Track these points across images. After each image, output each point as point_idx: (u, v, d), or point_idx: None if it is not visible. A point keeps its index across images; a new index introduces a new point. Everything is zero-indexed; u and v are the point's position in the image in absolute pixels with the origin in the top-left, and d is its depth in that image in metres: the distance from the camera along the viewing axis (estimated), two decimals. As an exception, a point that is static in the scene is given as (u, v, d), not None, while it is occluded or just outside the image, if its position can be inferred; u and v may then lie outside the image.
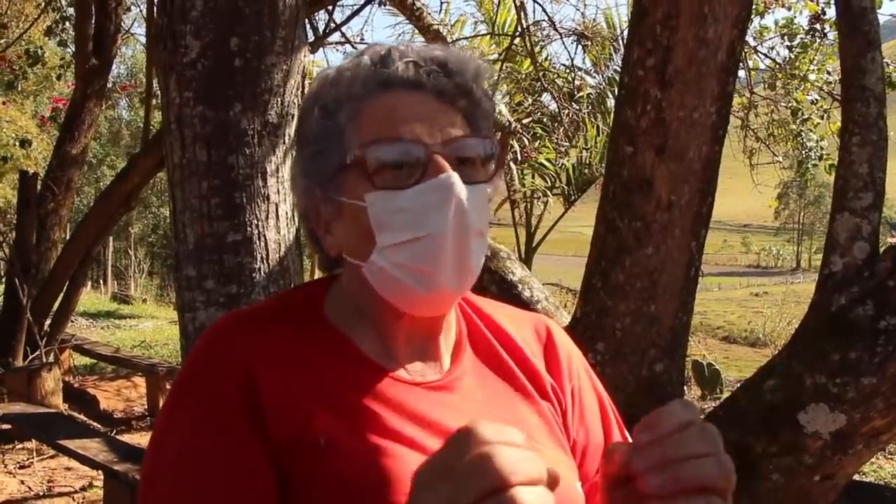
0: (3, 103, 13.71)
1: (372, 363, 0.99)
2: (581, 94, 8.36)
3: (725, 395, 8.41)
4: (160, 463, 0.92)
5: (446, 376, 1.02)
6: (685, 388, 5.40)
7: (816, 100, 7.21)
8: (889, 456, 6.29)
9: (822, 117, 7.23)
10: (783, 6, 6.88)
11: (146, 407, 7.68)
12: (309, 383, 0.94)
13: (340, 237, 1.02)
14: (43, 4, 8.86)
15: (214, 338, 0.98)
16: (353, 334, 1.01)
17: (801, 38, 6.88)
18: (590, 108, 8.55)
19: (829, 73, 7.01)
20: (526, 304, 2.87)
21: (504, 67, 7.72)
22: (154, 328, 13.74)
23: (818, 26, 6.70)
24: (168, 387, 7.78)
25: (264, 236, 2.58)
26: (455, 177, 0.93)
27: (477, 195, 0.95)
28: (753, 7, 2.57)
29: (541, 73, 7.39)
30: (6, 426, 6.14)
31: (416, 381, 1.00)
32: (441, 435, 0.94)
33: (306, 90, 2.77)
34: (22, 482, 5.40)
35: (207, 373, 0.94)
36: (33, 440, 5.89)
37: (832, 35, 6.65)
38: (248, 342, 0.95)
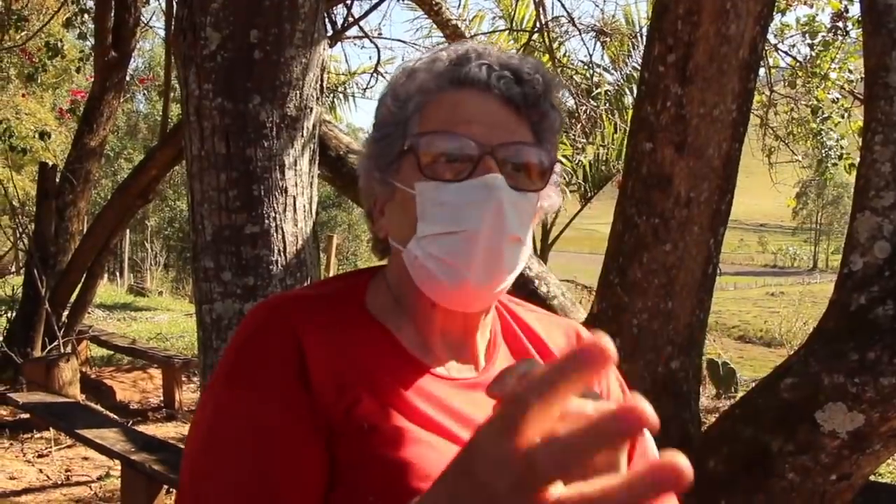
0: (23, 96, 13.81)
1: (410, 356, 1.00)
2: (599, 90, 8.33)
3: (740, 394, 8.38)
4: (219, 437, 0.91)
5: (481, 374, 1.03)
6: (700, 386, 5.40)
7: (837, 98, 7.15)
8: (906, 457, 6.24)
9: (842, 116, 7.17)
10: (805, 3, 6.83)
11: (161, 398, 7.73)
12: (353, 368, 0.95)
13: (389, 220, 1.05)
14: (63, -3, 8.91)
15: (267, 314, 0.98)
16: (393, 327, 1.02)
17: (823, 36, 6.83)
18: (607, 104, 8.52)
19: (850, 71, 6.95)
20: (542, 300, 2.87)
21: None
22: (170, 320, 13.81)
23: (840, 24, 6.65)
24: (184, 379, 7.83)
25: (282, 228, 2.58)
26: (500, 179, 0.94)
27: (523, 202, 0.97)
28: (775, 4, 2.55)
29: (559, 70, 7.37)
30: (25, 415, 6.19)
31: (452, 377, 1.01)
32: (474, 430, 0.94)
33: (325, 84, 2.78)
34: (40, 471, 5.44)
35: (265, 348, 0.95)
36: (51, 430, 5.94)
37: (854, 33, 6.59)
38: (298, 320, 0.96)
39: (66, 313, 7.82)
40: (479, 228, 0.93)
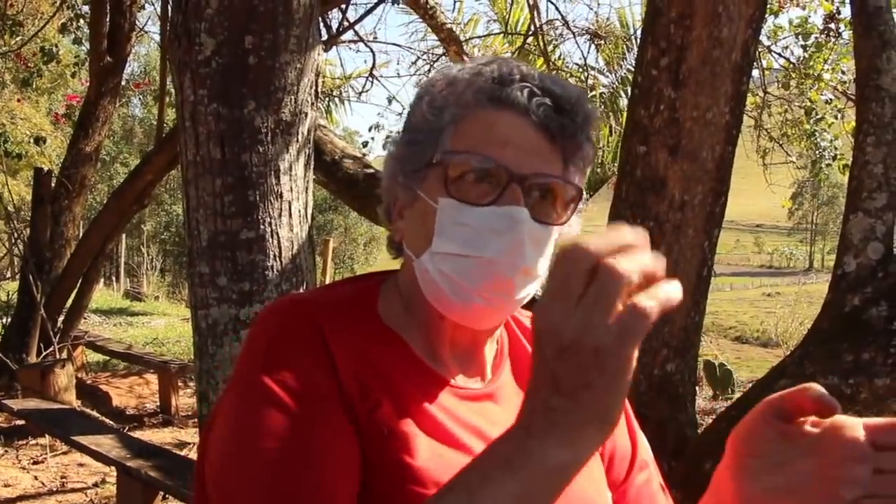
0: (18, 101, 13.79)
1: (423, 364, 1.00)
2: (594, 93, 8.35)
3: (737, 395, 8.38)
4: (255, 429, 0.88)
5: (488, 385, 1.04)
6: (697, 388, 5.39)
7: (831, 99, 7.17)
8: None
9: (836, 117, 7.19)
10: (798, 5, 6.85)
11: (158, 404, 7.72)
12: (372, 371, 0.95)
13: (407, 226, 1.03)
14: (58, 2, 8.90)
15: (288, 309, 0.98)
16: (404, 334, 1.02)
17: (816, 38, 6.85)
18: (602, 107, 8.53)
19: (843, 72, 6.97)
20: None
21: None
22: (166, 325, 13.81)
23: (833, 25, 6.68)
24: (180, 384, 7.82)
25: (277, 234, 2.59)
26: (525, 213, 0.93)
27: (543, 235, 0.96)
28: (768, 6, 2.56)
29: (553, 72, 7.38)
30: (20, 422, 6.17)
31: (461, 387, 1.01)
32: (485, 441, 0.94)
33: (319, 89, 2.78)
34: (35, 478, 5.43)
35: (297, 338, 0.94)
36: (46, 436, 5.93)
37: (847, 34, 6.62)
38: (318, 319, 0.96)
39: (61, 319, 7.80)
40: (496, 258, 0.93)
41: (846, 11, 6.61)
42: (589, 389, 0.68)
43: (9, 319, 8.06)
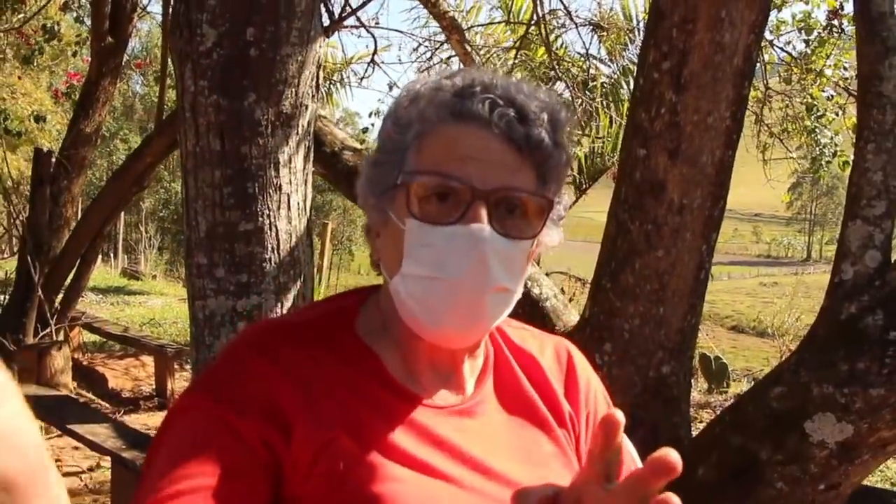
0: (19, 77, 13.73)
1: (396, 384, 1.00)
2: (595, 83, 8.32)
3: (732, 388, 8.41)
4: (160, 464, 0.90)
5: (468, 401, 1.03)
6: (692, 381, 5.41)
7: (832, 96, 7.15)
8: None
9: (836, 113, 7.17)
10: (801, 0, 6.82)
11: (154, 387, 7.73)
12: (332, 403, 0.94)
13: (382, 247, 1.03)
14: (60, -20, 8.85)
15: (243, 348, 0.98)
16: (381, 352, 1.02)
17: (819, 33, 6.82)
18: (603, 97, 8.51)
19: (845, 68, 6.95)
20: (535, 302, 2.88)
21: (518, 55, 7.68)
22: (163, 305, 13.80)
23: (836, 21, 6.65)
24: (176, 367, 7.83)
25: (275, 226, 2.58)
26: (486, 230, 0.91)
27: (512, 251, 0.94)
28: (770, 8, 2.54)
29: (555, 62, 7.36)
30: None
31: (438, 405, 1.01)
32: (458, 459, 0.95)
33: (320, 81, 2.77)
34: (30, 460, 5.43)
35: (235, 386, 0.94)
36: (40, 421, 5.94)
37: (850, 30, 6.59)
38: (276, 357, 0.96)
39: (59, 299, 7.80)
40: (461, 278, 0.92)
41: (849, 7, 6.59)
42: None
43: (6, 299, 8.06)
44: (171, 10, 2.88)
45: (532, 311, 2.82)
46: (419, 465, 0.93)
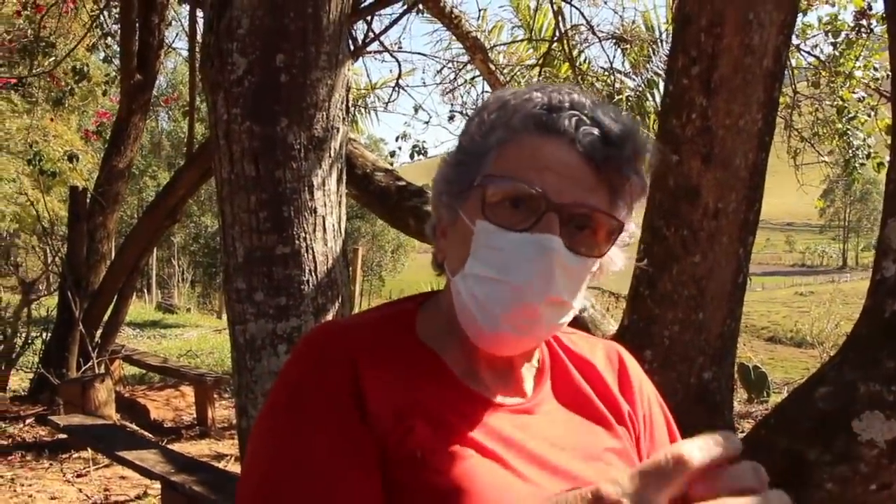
0: (51, 119, 14.00)
1: (460, 383, 1.01)
2: (620, 96, 8.32)
3: (772, 397, 8.30)
4: (279, 463, 0.92)
5: (529, 401, 1.05)
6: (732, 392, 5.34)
7: (863, 97, 7.08)
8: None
9: (868, 114, 7.10)
10: (827, 2, 6.77)
11: (194, 416, 7.80)
12: (406, 395, 0.96)
13: (448, 246, 1.05)
14: (89, 23, 9.02)
15: (323, 343, 1.00)
16: (443, 353, 1.03)
17: (847, 35, 6.77)
18: (629, 110, 8.50)
19: (875, 69, 6.88)
20: (572, 313, 2.87)
21: (542, 72, 7.71)
22: (199, 337, 13.95)
23: (864, 21, 6.59)
24: (216, 396, 7.90)
25: (312, 248, 2.61)
26: (557, 242, 0.93)
27: (577, 266, 0.96)
28: (798, 9, 2.54)
29: (579, 77, 7.37)
30: (62, 435, 6.26)
31: (500, 404, 1.02)
32: (524, 456, 0.96)
33: (349, 103, 2.80)
34: (80, 490, 5.50)
35: (319, 375, 0.96)
36: (88, 449, 6.00)
37: (879, 30, 6.53)
38: (354, 349, 0.98)
39: (99, 333, 7.91)
40: (524, 285, 0.93)
41: (878, 6, 6.54)
42: None
43: (48, 335, 8.18)
44: (200, 41, 2.93)
45: (570, 321, 2.81)
46: (492, 456, 0.95)
